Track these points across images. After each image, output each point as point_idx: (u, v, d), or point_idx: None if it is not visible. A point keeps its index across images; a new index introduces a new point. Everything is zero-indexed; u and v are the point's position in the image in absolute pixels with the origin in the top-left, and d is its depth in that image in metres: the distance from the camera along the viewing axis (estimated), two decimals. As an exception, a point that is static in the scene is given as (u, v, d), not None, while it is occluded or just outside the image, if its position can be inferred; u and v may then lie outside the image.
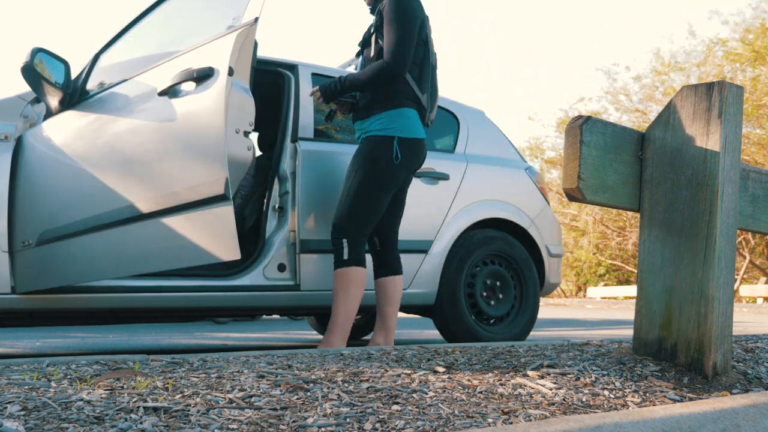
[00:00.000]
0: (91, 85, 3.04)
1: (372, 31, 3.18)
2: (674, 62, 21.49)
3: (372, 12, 3.28)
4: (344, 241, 3.07)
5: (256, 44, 2.99)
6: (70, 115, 2.92)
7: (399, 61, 3.03)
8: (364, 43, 3.25)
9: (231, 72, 2.43)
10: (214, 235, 2.38)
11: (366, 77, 3.11)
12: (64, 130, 2.89)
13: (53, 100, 2.95)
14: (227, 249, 2.37)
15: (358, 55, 3.37)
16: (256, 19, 2.46)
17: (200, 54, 2.55)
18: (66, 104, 2.95)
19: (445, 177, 3.88)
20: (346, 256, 3.06)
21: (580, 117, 1.85)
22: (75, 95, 2.97)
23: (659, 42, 48.00)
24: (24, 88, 3.07)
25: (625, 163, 1.96)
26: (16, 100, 3.09)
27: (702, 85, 1.93)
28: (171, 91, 2.56)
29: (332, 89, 3.18)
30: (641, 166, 2.00)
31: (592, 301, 20.48)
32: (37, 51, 2.83)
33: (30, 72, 2.82)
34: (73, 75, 3.04)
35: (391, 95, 3.12)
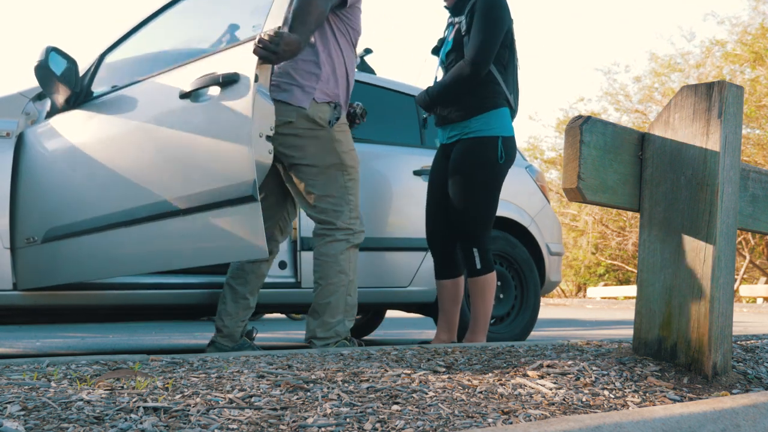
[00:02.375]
0: (99, 84, 3.05)
1: (464, 33, 3.11)
2: (673, 63, 21.49)
3: (456, 13, 3.23)
4: (475, 250, 3.10)
5: None
6: (81, 114, 2.91)
7: (481, 60, 3.00)
8: (456, 46, 3.17)
9: (257, 78, 2.48)
10: (243, 234, 2.45)
11: (450, 81, 3.09)
12: (76, 129, 2.88)
13: (60, 98, 2.95)
14: (256, 248, 2.43)
15: (433, 52, 3.35)
16: (279, 28, 2.50)
17: (224, 59, 2.58)
18: (72, 103, 2.95)
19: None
20: (479, 266, 3.10)
21: (579, 117, 1.85)
22: (81, 94, 2.97)
23: (659, 43, 47.99)
24: (25, 85, 3.07)
25: (625, 163, 1.96)
26: (17, 97, 3.09)
27: (702, 85, 1.93)
28: (194, 95, 2.58)
29: (426, 101, 3.21)
30: (641, 166, 2.00)
31: (592, 301, 20.48)
32: (51, 50, 2.85)
33: (44, 70, 2.83)
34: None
35: (488, 95, 3.11)
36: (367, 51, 4.25)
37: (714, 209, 1.86)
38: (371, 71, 4.21)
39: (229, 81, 2.50)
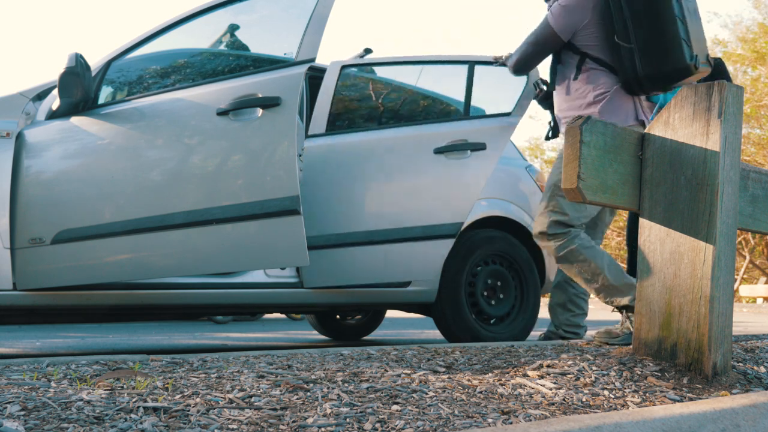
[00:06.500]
0: (111, 88, 3.10)
1: None
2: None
3: None
4: None
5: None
6: (97, 119, 2.91)
7: None
8: None
9: (295, 103, 2.73)
10: (287, 242, 2.72)
11: None
12: (101, 134, 2.89)
13: (75, 102, 2.94)
14: (298, 255, 2.73)
15: None
16: (314, 59, 2.78)
17: (266, 81, 2.79)
18: (82, 108, 2.94)
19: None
20: None
21: (580, 117, 1.85)
22: (90, 100, 2.97)
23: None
24: (25, 85, 3.07)
25: (625, 163, 1.96)
26: (17, 97, 3.09)
27: (702, 85, 1.93)
28: (233, 113, 2.77)
29: None
30: (641, 166, 2.00)
31: (592, 301, 20.48)
32: (78, 57, 2.89)
33: (72, 77, 2.86)
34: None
35: None
36: (367, 51, 4.25)
37: (714, 209, 1.86)
38: (372, 71, 4.21)
39: (271, 104, 2.72)
